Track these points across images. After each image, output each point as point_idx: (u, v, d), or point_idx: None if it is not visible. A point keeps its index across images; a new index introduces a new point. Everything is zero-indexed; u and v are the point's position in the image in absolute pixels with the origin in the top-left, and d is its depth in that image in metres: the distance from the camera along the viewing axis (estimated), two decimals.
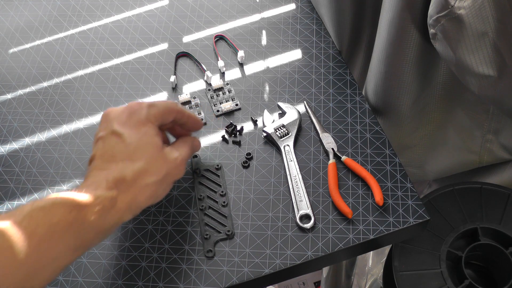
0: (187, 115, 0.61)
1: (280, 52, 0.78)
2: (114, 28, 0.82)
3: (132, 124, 0.55)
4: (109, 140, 0.55)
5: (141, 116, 0.56)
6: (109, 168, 0.53)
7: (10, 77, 0.78)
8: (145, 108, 0.56)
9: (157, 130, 0.57)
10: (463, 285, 0.66)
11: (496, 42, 0.54)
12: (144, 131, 0.55)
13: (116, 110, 0.57)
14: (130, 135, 0.54)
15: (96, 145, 0.55)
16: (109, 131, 0.55)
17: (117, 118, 0.56)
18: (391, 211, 0.63)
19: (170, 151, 0.57)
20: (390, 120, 0.77)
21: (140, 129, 0.55)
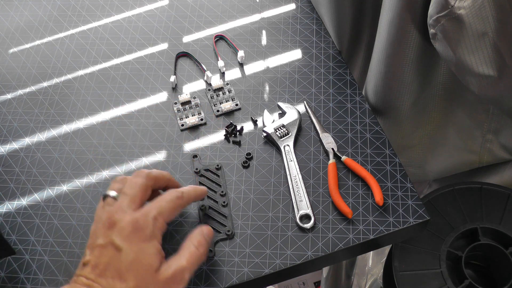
0: (193, 197, 0.59)
1: (280, 52, 0.78)
2: (114, 28, 0.82)
3: (135, 239, 0.52)
4: (107, 251, 0.52)
5: (146, 233, 0.53)
6: (98, 282, 0.50)
7: (10, 77, 0.78)
8: (150, 225, 0.53)
9: (158, 248, 0.53)
10: (463, 285, 0.66)
11: (496, 42, 0.54)
12: (143, 249, 0.52)
13: (122, 220, 0.53)
14: (128, 252, 0.51)
15: (93, 251, 0.52)
16: (109, 240, 0.52)
17: (120, 230, 0.52)
18: (391, 211, 0.63)
19: (169, 266, 0.53)
20: (390, 120, 0.77)
21: (140, 246, 0.52)
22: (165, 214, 0.54)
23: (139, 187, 0.55)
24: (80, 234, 0.64)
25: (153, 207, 0.54)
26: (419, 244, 0.70)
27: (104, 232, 0.53)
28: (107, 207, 0.55)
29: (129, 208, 0.54)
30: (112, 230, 0.53)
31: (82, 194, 0.67)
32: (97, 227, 0.54)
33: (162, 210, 0.54)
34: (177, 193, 0.56)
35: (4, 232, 0.64)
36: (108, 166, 0.69)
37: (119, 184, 0.57)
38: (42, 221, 0.65)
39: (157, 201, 0.55)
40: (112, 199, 0.55)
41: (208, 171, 0.67)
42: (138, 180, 0.56)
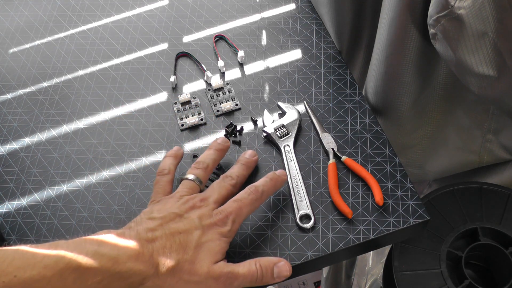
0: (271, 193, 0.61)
1: (280, 52, 0.78)
2: (114, 28, 0.82)
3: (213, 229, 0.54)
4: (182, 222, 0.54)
5: (223, 230, 0.55)
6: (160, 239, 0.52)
7: (10, 77, 0.78)
8: (229, 225, 0.55)
9: (226, 247, 0.55)
10: (463, 285, 0.66)
11: (496, 42, 0.54)
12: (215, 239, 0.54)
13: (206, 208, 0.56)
14: (201, 233, 0.54)
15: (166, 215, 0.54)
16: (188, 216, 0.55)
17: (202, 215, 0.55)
18: (391, 211, 0.63)
19: (222, 266, 0.54)
20: (390, 120, 0.77)
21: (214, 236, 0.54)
22: (242, 218, 0.57)
23: (226, 191, 0.59)
24: (80, 234, 0.64)
25: (234, 209, 0.56)
26: (419, 244, 0.70)
27: (185, 207, 0.55)
28: (188, 190, 0.58)
29: (214, 204, 0.56)
30: (195, 211, 0.55)
31: (82, 194, 0.67)
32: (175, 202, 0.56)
33: (241, 214, 0.57)
34: (257, 194, 0.58)
35: (4, 232, 0.64)
36: (108, 166, 0.69)
37: (200, 171, 0.60)
38: (42, 221, 0.65)
39: (238, 203, 0.57)
40: (193, 183, 0.59)
41: None
42: (227, 184, 0.59)
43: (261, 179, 0.60)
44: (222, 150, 0.64)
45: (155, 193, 0.59)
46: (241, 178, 0.62)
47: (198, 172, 0.60)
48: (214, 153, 0.63)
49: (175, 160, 0.63)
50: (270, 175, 0.61)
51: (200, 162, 0.61)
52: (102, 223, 0.64)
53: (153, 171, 0.68)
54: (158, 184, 0.60)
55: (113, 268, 0.48)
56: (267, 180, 0.60)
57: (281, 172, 0.62)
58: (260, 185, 0.59)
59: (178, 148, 0.65)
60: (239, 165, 0.62)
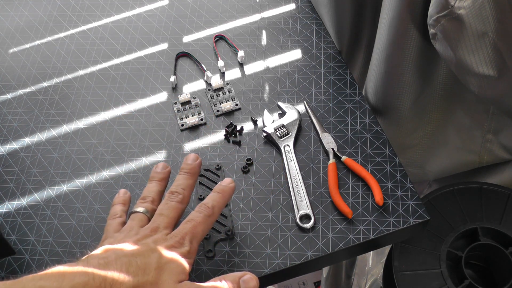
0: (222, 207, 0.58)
1: (280, 52, 0.78)
2: (114, 28, 0.82)
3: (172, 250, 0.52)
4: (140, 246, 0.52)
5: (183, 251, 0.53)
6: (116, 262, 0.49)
7: (10, 77, 0.78)
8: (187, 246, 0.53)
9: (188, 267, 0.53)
10: (463, 285, 0.66)
11: (496, 42, 0.54)
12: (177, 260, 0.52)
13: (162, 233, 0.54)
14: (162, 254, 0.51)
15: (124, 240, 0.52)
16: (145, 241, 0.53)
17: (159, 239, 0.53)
18: (391, 211, 0.63)
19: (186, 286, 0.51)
20: (390, 120, 0.77)
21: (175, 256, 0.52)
22: (199, 237, 0.55)
23: (175, 212, 0.56)
24: (80, 234, 0.64)
25: (189, 230, 0.54)
26: (419, 244, 0.70)
27: (138, 237, 0.53)
28: (137, 222, 0.56)
29: (166, 229, 0.54)
30: (148, 238, 0.53)
31: (82, 194, 0.67)
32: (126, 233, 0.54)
33: (197, 234, 0.55)
34: (208, 210, 0.56)
35: (4, 232, 0.64)
36: (108, 166, 0.69)
37: (147, 204, 0.58)
38: (42, 221, 0.65)
39: (191, 223, 0.55)
40: (142, 215, 0.56)
41: (208, 171, 0.67)
42: (174, 204, 0.57)
43: (209, 195, 0.58)
44: (164, 179, 0.61)
45: (105, 234, 0.57)
46: (187, 190, 0.59)
47: (145, 205, 0.58)
48: (156, 184, 0.60)
49: (124, 206, 0.61)
50: (217, 188, 0.58)
51: (145, 197, 0.59)
52: (102, 223, 0.64)
53: None
54: (109, 226, 0.58)
55: None
56: (215, 194, 0.58)
57: (227, 181, 0.60)
58: (210, 201, 0.57)
59: (125, 192, 0.62)
60: (215, 193, 0.58)
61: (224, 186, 0.58)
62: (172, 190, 0.58)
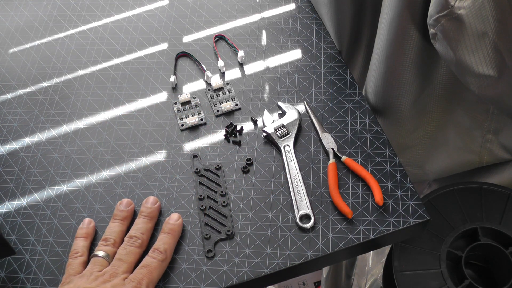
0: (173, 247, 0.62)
1: (280, 52, 0.78)
2: (114, 28, 0.82)
3: None
4: None
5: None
6: None
7: (10, 77, 0.78)
8: None
9: None
10: (463, 285, 0.66)
11: (496, 42, 0.54)
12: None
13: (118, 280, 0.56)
14: None
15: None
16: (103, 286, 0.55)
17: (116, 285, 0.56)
18: (391, 211, 0.63)
19: None
20: (390, 120, 0.77)
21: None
22: (155, 280, 0.58)
23: (134, 256, 0.59)
24: None
25: (145, 275, 0.57)
26: (419, 244, 0.70)
27: (97, 282, 0.55)
28: (98, 267, 0.58)
29: (124, 273, 0.57)
30: (108, 282, 0.56)
31: (82, 194, 0.67)
32: (86, 279, 0.56)
33: (153, 278, 0.58)
34: (161, 255, 0.59)
35: (4, 232, 0.64)
36: (108, 166, 0.69)
37: (108, 248, 0.60)
38: (42, 221, 0.65)
39: (146, 268, 0.58)
40: (102, 260, 0.59)
41: (208, 171, 0.67)
42: (133, 249, 0.60)
43: (159, 237, 0.61)
44: (127, 218, 0.63)
45: (67, 275, 0.58)
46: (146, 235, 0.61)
47: (106, 248, 0.60)
48: (119, 224, 0.62)
49: (86, 241, 0.62)
50: (166, 229, 0.61)
51: (107, 239, 0.61)
52: (102, 223, 0.64)
53: (153, 171, 0.68)
54: (70, 266, 0.59)
55: None
56: (165, 236, 0.61)
57: (174, 218, 0.62)
58: (161, 244, 0.60)
59: (89, 222, 0.64)
60: (164, 234, 0.61)
61: (172, 224, 0.62)
62: (131, 235, 0.61)
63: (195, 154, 0.69)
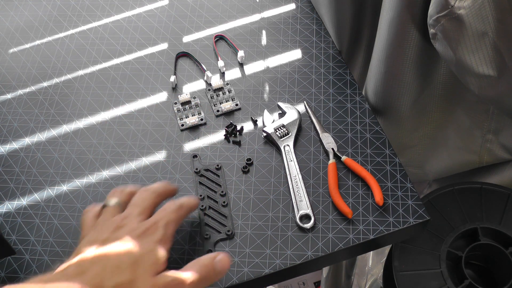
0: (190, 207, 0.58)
1: (280, 52, 0.78)
2: (114, 28, 0.82)
3: (145, 239, 0.51)
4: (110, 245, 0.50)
5: (157, 236, 0.52)
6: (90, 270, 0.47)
7: (10, 77, 0.78)
8: (162, 229, 0.52)
9: (165, 254, 0.52)
10: (463, 285, 0.66)
11: (496, 42, 0.54)
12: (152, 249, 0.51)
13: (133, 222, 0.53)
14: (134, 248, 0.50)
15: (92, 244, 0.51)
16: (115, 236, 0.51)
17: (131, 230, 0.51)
18: (391, 211, 0.63)
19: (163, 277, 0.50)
20: (390, 120, 0.77)
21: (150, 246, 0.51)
22: (173, 224, 0.54)
23: (148, 201, 0.56)
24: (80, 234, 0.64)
25: (161, 216, 0.54)
26: (419, 244, 0.70)
27: (109, 230, 0.52)
28: (109, 215, 0.54)
29: (139, 216, 0.53)
30: (119, 230, 0.52)
31: (82, 194, 0.67)
32: (99, 230, 0.53)
33: (170, 220, 0.54)
34: (177, 204, 0.56)
35: (4, 232, 0.64)
36: (108, 166, 0.69)
37: (119, 195, 0.57)
38: (42, 221, 0.65)
39: (162, 211, 0.55)
40: (113, 208, 0.55)
41: (208, 171, 0.67)
42: (148, 194, 0.56)
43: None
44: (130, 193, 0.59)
45: (82, 232, 0.56)
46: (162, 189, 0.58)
47: (119, 195, 0.57)
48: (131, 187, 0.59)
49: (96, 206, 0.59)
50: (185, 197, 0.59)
51: (123, 189, 0.58)
52: None
53: (153, 171, 0.68)
54: (84, 222, 0.57)
55: None
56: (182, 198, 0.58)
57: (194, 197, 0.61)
58: (178, 199, 0.57)
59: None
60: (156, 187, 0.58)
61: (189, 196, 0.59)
62: (144, 188, 0.57)
63: (195, 154, 0.69)
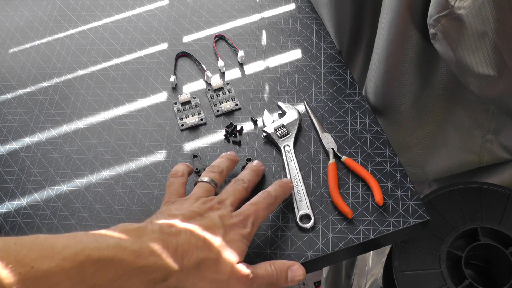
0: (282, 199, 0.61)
1: (280, 52, 0.78)
2: (114, 28, 0.82)
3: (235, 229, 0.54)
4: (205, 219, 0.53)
5: (244, 232, 0.54)
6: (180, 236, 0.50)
7: (10, 77, 0.78)
8: (249, 227, 0.55)
9: (246, 249, 0.54)
10: (463, 285, 0.66)
11: (496, 42, 0.54)
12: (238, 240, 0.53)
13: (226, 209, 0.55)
14: (225, 232, 0.53)
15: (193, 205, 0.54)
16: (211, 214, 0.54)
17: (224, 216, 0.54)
18: (391, 211, 0.63)
19: (242, 267, 0.52)
20: (390, 120, 0.77)
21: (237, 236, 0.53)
22: (259, 221, 0.57)
23: (240, 194, 0.59)
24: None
25: (252, 212, 0.56)
26: (419, 244, 0.70)
27: (204, 207, 0.55)
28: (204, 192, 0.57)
29: (231, 206, 0.56)
30: (214, 211, 0.54)
31: (82, 194, 0.67)
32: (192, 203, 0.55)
33: (259, 218, 0.56)
34: (271, 199, 0.58)
35: (4, 232, 0.64)
36: (108, 166, 0.69)
37: (215, 174, 0.60)
38: (42, 221, 0.65)
39: (255, 206, 0.57)
40: (209, 185, 0.58)
41: None
42: (241, 189, 0.59)
43: (271, 186, 0.60)
44: (233, 162, 0.64)
45: (169, 194, 0.58)
46: (252, 183, 0.62)
47: (213, 175, 0.60)
48: (227, 161, 0.63)
49: (187, 168, 0.63)
50: (279, 183, 0.61)
51: (215, 166, 0.61)
52: (102, 223, 0.64)
53: (153, 171, 0.68)
54: (171, 186, 0.59)
55: (136, 262, 0.46)
56: (277, 187, 0.60)
57: (288, 180, 0.63)
58: (272, 190, 0.59)
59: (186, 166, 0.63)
60: (248, 170, 0.62)
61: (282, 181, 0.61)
62: (238, 178, 0.60)
63: (195, 154, 0.69)
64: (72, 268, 0.43)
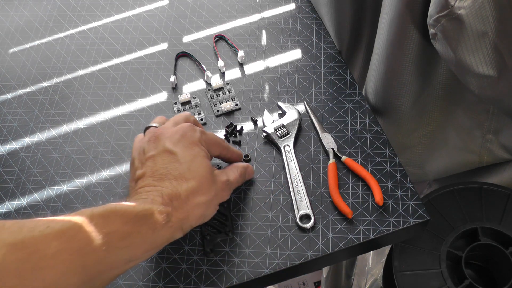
0: (231, 151, 0.63)
1: (280, 52, 0.78)
2: (114, 28, 0.82)
3: (185, 144, 0.56)
4: (161, 158, 0.55)
5: (194, 138, 0.57)
6: (162, 185, 0.53)
7: (10, 77, 0.78)
8: (198, 132, 0.58)
9: (207, 153, 0.58)
10: (463, 285, 0.66)
11: (496, 42, 0.54)
12: (196, 151, 0.56)
13: (168, 130, 0.58)
14: (183, 154, 0.55)
15: (146, 164, 0.56)
16: (161, 149, 0.56)
17: (170, 138, 0.56)
18: (391, 211, 0.63)
19: (220, 173, 0.59)
20: (390, 120, 0.77)
21: (193, 150, 0.56)
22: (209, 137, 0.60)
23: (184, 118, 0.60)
24: None
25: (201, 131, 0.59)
26: (419, 244, 0.70)
27: (151, 145, 0.57)
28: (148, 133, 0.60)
29: (174, 125, 0.59)
30: (159, 141, 0.56)
31: (82, 194, 0.67)
32: (141, 147, 0.58)
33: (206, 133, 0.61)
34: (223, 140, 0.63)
35: None
36: (108, 166, 0.69)
37: (159, 119, 0.62)
38: None
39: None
40: (154, 128, 0.60)
41: None
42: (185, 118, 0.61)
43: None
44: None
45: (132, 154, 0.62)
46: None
47: (161, 120, 0.62)
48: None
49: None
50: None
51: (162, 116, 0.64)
52: None
53: None
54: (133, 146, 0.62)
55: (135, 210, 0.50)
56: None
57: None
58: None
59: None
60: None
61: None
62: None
63: None
64: (83, 222, 0.47)
